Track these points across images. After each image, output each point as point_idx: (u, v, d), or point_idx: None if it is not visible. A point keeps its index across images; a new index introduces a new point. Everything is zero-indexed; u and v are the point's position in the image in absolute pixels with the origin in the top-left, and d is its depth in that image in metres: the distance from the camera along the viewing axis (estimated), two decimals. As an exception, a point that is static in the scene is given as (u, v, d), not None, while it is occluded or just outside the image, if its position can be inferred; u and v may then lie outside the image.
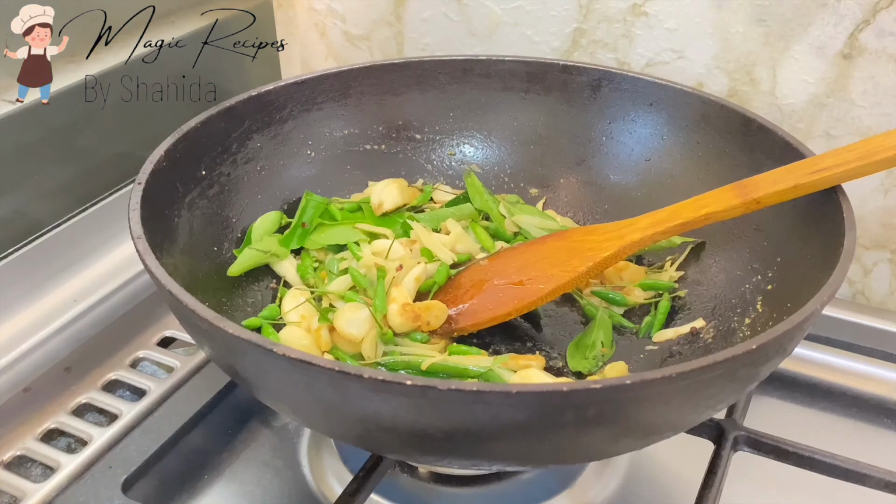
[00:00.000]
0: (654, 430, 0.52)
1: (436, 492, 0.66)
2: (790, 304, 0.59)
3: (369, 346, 0.64)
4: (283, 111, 0.76)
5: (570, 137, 0.81)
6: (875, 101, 0.76)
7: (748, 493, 0.65)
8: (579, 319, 0.71)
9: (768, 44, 0.78)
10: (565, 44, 0.87)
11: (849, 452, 0.62)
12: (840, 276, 0.53)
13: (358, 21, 0.95)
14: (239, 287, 0.70)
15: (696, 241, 0.73)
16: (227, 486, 0.66)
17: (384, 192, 0.77)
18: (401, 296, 0.66)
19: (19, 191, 0.76)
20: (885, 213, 0.79)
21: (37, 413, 0.69)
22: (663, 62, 0.83)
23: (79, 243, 0.79)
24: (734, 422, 0.64)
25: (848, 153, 0.59)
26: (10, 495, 0.62)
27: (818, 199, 0.61)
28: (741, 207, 0.62)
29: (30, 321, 0.74)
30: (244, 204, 0.74)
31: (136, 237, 0.56)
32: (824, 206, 0.60)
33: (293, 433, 0.70)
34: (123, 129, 0.83)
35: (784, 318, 0.50)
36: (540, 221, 0.77)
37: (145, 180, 0.62)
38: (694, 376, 0.46)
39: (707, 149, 0.73)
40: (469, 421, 0.46)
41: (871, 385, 0.75)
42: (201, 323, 0.49)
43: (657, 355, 0.67)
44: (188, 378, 0.72)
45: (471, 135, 0.83)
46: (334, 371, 0.45)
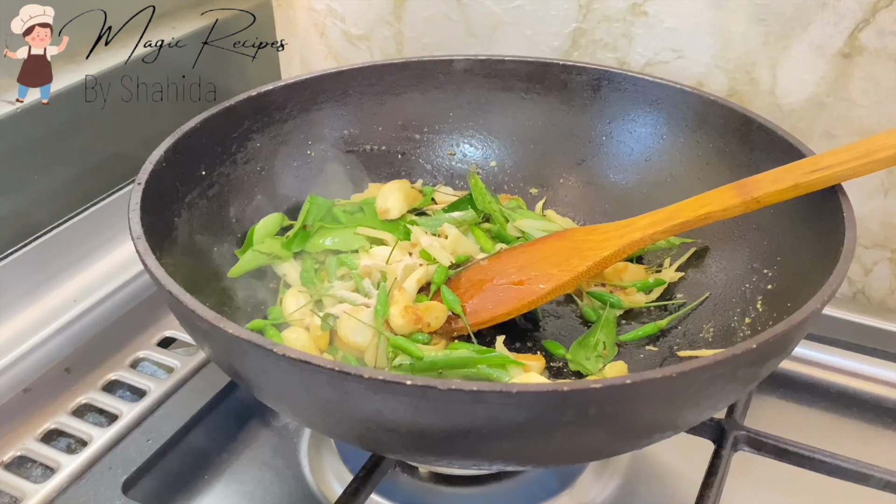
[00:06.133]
0: (654, 430, 0.52)
1: (436, 492, 0.66)
2: (790, 303, 0.59)
3: (372, 354, 0.64)
4: (283, 111, 0.76)
5: (570, 137, 0.81)
6: (875, 100, 0.76)
7: (748, 493, 0.65)
8: (580, 319, 0.71)
9: (768, 43, 0.78)
10: (565, 44, 0.87)
11: (849, 452, 0.62)
12: (840, 275, 0.53)
13: (358, 21, 0.95)
14: (239, 287, 0.70)
15: (695, 241, 0.73)
16: (227, 486, 0.66)
17: (390, 198, 0.77)
18: (402, 298, 0.66)
19: (19, 191, 0.76)
20: (885, 213, 0.79)
21: (37, 413, 0.69)
22: (663, 62, 0.83)
23: (79, 243, 0.79)
24: (734, 421, 0.64)
25: (848, 152, 0.59)
26: (11, 496, 0.62)
27: (818, 198, 0.61)
28: (741, 207, 0.62)
29: (30, 321, 0.74)
30: (244, 204, 0.74)
31: (136, 237, 0.56)
32: (824, 206, 0.60)
33: (293, 433, 0.70)
34: (123, 129, 0.83)
35: (784, 317, 0.50)
36: (541, 224, 0.77)
37: (145, 180, 0.62)
38: (694, 376, 0.46)
39: (707, 148, 0.73)
40: (469, 421, 0.46)
41: (871, 385, 0.75)
42: (201, 323, 0.49)
43: (657, 355, 0.67)
44: (188, 378, 0.72)
45: (471, 135, 0.83)
46: (334, 371, 0.45)
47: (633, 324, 0.70)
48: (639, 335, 0.68)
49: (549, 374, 0.65)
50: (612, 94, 0.78)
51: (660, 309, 0.71)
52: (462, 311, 0.67)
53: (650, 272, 0.74)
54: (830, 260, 0.55)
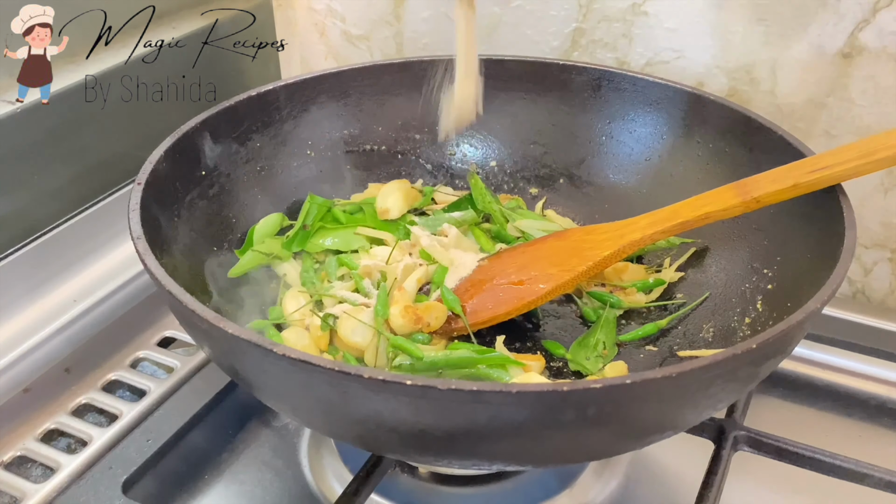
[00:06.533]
0: (654, 429, 0.52)
1: (436, 492, 0.66)
2: (790, 303, 0.59)
3: (372, 354, 0.64)
4: (283, 111, 0.76)
5: (570, 137, 0.81)
6: (875, 100, 0.76)
7: (748, 492, 0.65)
8: (580, 319, 0.71)
9: (768, 43, 0.78)
10: (565, 43, 0.87)
11: (849, 452, 0.62)
12: (840, 275, 0.53)
13: (357, 21, 0.95)
14: (239, 287, 0.70)
15: (695, 241, 0.73)
16: (227, 486, 0.66)
17: (390, 199, 0.77)
18: (402, 298, 0.66)
19: (19, 191, 0.76)
20: (885, 213, 0.79)
21: (37, 413, 0.69)
22: (663, 62, 0.83)
23: (79, 243, 0.79)
24: (734, 421, 0.64)
25: (847, 152, 0.59)
26: (10, 496, 0.62)
27: (818, 198, 0.61)
28: (741, 207, 0.62)
29: (30, 321, 0.74)
30: (244, 204, 0.74)
31: (136, 237, 0.56)
32: (824, 206, 0.60)
33: (293, 433, 0.70)
34: (123, 129, 0.83)
35: (784, 317, 0.50)
36: (541, 224, 0.77)
37: (145, 180, 0.62)
38: (694, 376, 0.46)
39: (707, 148, 0.73)
40: (469, 421, 0.46)
41: (871, 385, 0.75)
42: (201, 323, 0.49)
43: (657, 355, 0.67)
44: (188, 378, 0.72)
45: (471, 135, 0.83)
46: (334, 371, 0.45)
47: (633, 324, 0.70)
48: (639, 335, 0.68)
49: (549, 374, 0.66)
50: (612, 94, 0.78)
51: (660, 309, 0.71)
52: (462, 311, 0.67)
53: (650, 272, 0.74)
54: (830, 260, 0.55)
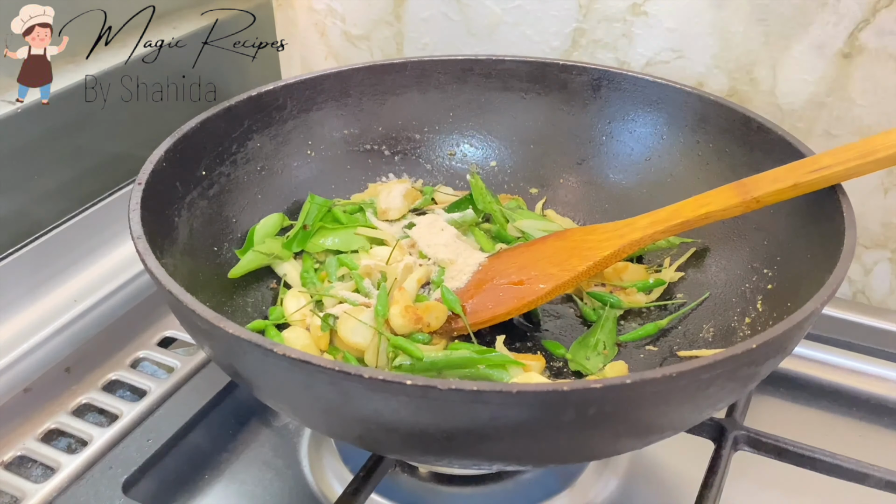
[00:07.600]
0: (654, 429, 0.52)
1: (436, 492, 0.66)
2: (790, 303, 0.59)
3: (372, 354, 0.64)
4: (283, 111, 0.76)
5: (569, 137, 0.81)
6: (875, 100, 0.76)
7: (748, 492, 0.65)
8: (580, 319, 0.71)
9: (768, 43, 0.78)
10: (565, 43, 0.87)
11: (849, 452, 0.62)
12: (840, 275, 0.53)
13: (358, 21, 0.95)
14: (239, 287, 0.70)
15: (695, 241, 0.73)
16: (227, 486, 0.66)
17: (389, 199, 0.77)
18: (402, 298, 0.66)
19: (19, 191, 0.76)
20: (885, 213, 0.79)
21: (37, 413, 0.69)
22: (663, 62, 0.83)
23: (79, 243, 0.79)
24: (734, 421, 0.64)
25: (847, 152, 0.59)
26: (11, 495, 0.62)
27: (818, 198, 0.61)
28: (741, 206, 0.62)
29: (30, 321, 0.74)
30: (244, 204, 0.74)
31: (136, 237, 0.56)
32: (824, 205, 0.60)
33: (293, 433, 0.70)
34: (123, 129, 0.83)
35: (784, 317, 0.50)
36: (541, 224, 0.77)
37: (145, 180, 0.62)
38: (694, 376, 0.46)
39: (707, 148, 0.73)
40: (469, 421, 0.46)
41: (871, 385, 0.75)
42: (201, 323, 0.49)
43: (657, 355, 0.67)
44: (188, 378, 0.72)
45: (470, 135, 0.83)
46: (334, 371, 0.45)
47: (633, 324, 0.70)
48: (639, 335, 0.68)
49: (549, 374, 0.66)
50: (612, 94, 0.78)
51: (660, 309, 0.71)
52: (462, 311, 0.67)
53: (650, 272, 0.74)
54: (830, 260, 0.55)
